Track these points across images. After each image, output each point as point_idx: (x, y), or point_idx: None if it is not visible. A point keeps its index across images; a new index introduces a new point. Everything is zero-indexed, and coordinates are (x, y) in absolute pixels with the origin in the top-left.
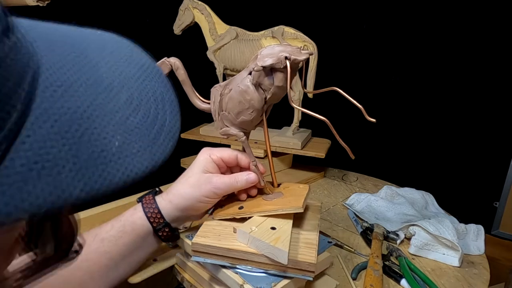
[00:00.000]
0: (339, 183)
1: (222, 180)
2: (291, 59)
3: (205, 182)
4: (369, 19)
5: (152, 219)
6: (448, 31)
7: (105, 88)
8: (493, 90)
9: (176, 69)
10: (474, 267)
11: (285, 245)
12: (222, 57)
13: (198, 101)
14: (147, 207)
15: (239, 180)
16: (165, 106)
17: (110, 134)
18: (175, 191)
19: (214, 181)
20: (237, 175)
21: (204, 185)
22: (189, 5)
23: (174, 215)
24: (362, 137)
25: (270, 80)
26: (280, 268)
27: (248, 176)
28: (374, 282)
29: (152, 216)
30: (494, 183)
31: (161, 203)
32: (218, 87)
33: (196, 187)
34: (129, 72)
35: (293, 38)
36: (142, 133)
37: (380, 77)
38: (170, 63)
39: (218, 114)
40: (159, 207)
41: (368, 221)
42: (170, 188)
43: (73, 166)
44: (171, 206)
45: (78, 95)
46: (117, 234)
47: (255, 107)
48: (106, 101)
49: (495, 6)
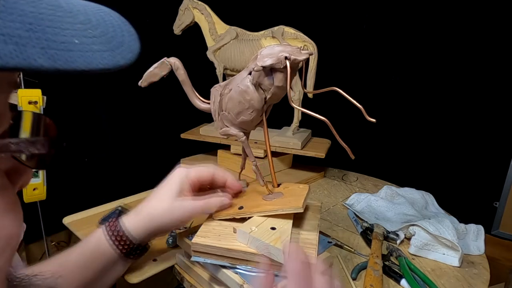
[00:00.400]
0: (339, 183)
1: (194, 205)
2: (291, 59)
3: (178, 208)
4: (369, 19)
5: (120, 246)
6: (448, 31)
7: (64, 10)
8: (493, 90)
9: (176, 69)
10: (474, 267)
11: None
12: (222, 57)
13: (198, 101)
14: (113, 235)
15: (212, 203)
16: (123, 33)
17: (69, 35)
18: (146, 213)
19: (187, 205)
20: (211, 199)
21: (177, 211)
22: (189, 5)
23: (143, 237)
24: (362, 137)
25: (270, 80)
26: (280, 268)
27: (222, 199)
28: (374, 282)
29: (120, 243)
30: (494, 183)
31: (129, 227)
32: (218, 87)
33: (169, 212)
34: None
35: (293, 38)
36: (100, 42)
37: (380, 77)
38: (170, 63)
39: (218, 114)
40: (127, 230)
41: (368, 221)
42: (141, 208)
43: (36, 44)
44: (140, 229)
45: (39, 8)
46: (85, 264)
47: (255, 107)
48: (65, 16)
49: (495, 6)
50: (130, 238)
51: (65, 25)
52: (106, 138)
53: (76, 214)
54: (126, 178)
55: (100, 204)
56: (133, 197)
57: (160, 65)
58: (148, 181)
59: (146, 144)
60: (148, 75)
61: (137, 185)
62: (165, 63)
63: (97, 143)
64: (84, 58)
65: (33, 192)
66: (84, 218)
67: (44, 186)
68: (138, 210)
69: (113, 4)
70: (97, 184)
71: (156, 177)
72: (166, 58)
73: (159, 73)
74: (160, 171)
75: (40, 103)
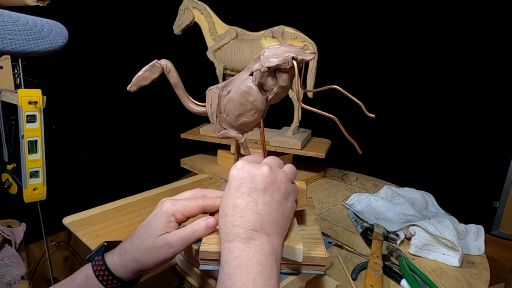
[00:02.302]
0: (339, 183)
1: (178, 237)
2: (298, 59)
3: (161, 247)
4: (369, 19)
5: (109, 285)
6: (448, 31)
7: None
8: (493, 90)
9: (167, 72)
10: (474, 267)
11: (298, 243)
12: (222, 57)
13: (191, 104)
14: (100, 274)
15: (197, 229)
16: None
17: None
18: (129, 255)
19: (169, 241)
20: (195, 223)
21: (160, 252)
22: (189, 5)
23: (129, 275)
24: (362, 137)
25: (274, 80)
26: (293, 266)
27: (207, 221)
28: (374, 282)
29: (108, 282)
30: (494, 183)
31: (113, 267)
32: (214, 89)
33: (153, 252)
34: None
35: (293, 38)
36: (17, 33)
37: (380, 77)
38: (162, 65)
39: (216, 116)
40: (112, 270)
41: (368, 221)
42: (125, 248)
43: None
44: (124, 270)
45: None
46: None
47: (258, 108)
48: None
49: (495, 6)
50: (118, 276)
51: None
52: (106, 138)
53: (76, 214)
54: (126, 178)
55: (100, 204)
56: (133, 197)
57: (150, 68)
58: (148, 181)
59: (146, 144)
60: (138, 79)
61: (137, 185)
62: (156, 66)
63: (97, 143)
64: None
65: (33, 192)
66: (84, 218)
67: (44, 186)
68: (122, 251)
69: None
70: (97, 184)
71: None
72: (156, 61)
73: (150, 76)
74: (160, 171)
75: (40, 103)
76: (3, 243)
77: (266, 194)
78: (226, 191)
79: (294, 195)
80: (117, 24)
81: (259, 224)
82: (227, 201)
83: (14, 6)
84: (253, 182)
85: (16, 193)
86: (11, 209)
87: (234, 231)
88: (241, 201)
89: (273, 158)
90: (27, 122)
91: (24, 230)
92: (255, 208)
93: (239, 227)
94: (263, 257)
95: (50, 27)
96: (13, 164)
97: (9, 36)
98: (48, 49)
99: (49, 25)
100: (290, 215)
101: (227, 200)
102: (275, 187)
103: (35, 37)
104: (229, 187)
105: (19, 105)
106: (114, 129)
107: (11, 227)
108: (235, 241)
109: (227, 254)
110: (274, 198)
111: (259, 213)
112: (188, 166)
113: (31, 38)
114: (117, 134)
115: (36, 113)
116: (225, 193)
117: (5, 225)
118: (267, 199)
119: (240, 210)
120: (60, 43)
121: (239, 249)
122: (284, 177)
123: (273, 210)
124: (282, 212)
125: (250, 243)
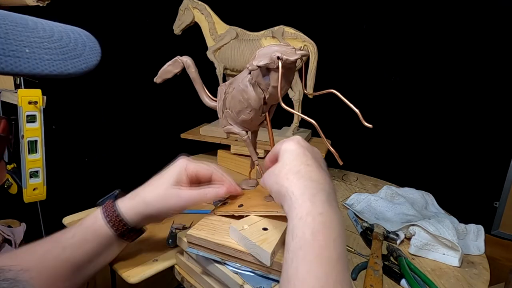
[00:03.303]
0: (339, 183)
1: (189, 194)
2: (283, 59)
3: (173, 195)
4: (369, 19)
5: (115, 227)
6: (448, 31)
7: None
8: (493, 90)
9: (187, 67)
10: (474, 267)
11: (269, 246)
12: (222, 57)
13: (207, 98)
14: (109, 215)
15: (208, 192)
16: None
17: (22, 45)
18: (141, 198)
19: (182, 195)
20: (207, 189)
21: (171, 199)
22: (189, 5)
23: (138, 221)
24: (363, 137)
25: (267, 80)
26: (265, 269)
27: (218, 189)
28: (374, 282)
29: (115, 224)
30: (494, 183)
31: (123, 209)
32: (223, 86)
33: (163, 199)
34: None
35: (293, 38)
36: (53, 53)
37: (380, 77)
38: (183, 61)
39: (222, 112)
40: (122, 212)
41: (368, 221)
42: (137, 192)
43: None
44: (134, 213)
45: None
46: (78, 243)
47: (252, 106)
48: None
49: (495, 6)
50: (125, 220)
51: (20, 38)
52: (106, 138)
53: (76, 214)
54: (126, 178)
55: None
56: None
57: (173, 63)
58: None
59: (146, 144)
60: (162, 72)
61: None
62: (177, 61)
63: (97, 143)
64: (30, 64)
65: (33, 192)
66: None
67: (44, 186)
68: (134, 195)
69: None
70: (97, 184)
71: None
72: (179, 57)
73: (172, 70)
74: (160, 171)
75: (40, 103)
76: (3, 243)
77: (324, 165)
78: (289, 157)
79: None
80: (117, 24)
81: (330, 186)
82: (296, 161)
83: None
84: (314, 152)
85: (16, 193)
86: (11, 209)
87: (315, 184)
88: (312, 163)
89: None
90: (27, 122)
91: (24, 230)
92: (324, 171)
93: (318, 182)
94: (339, 224)
95: (83, 41)
96: (13, 164)
97: (46, 57)
98: (84, 70)
99: (82, 39)
100: None
101: (296, 161)
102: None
103: (71, 56)
104: (293, 153)
105: (19, 105)
106: (114, 129)
107: (11, 227)
108: (319, 195)
109: (309, 206)
110: (326, 172)
111: (327, 176)
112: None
113: (67, 58)
114: (117, 134)
115: (36, 113)
116: (289, 158)
117: (5, 225)
118: (326, 170)
119: (314, 169)
120: (94, 61)
121: (322, 205)
122: None
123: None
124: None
125: (330, 201)
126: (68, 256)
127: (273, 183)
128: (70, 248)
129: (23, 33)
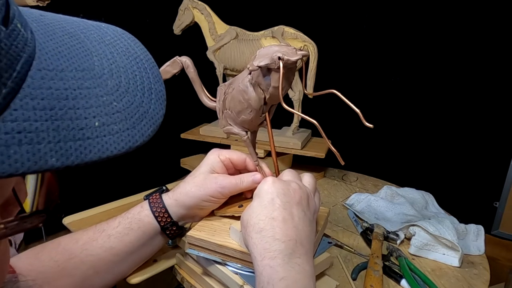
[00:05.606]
0: (339, 183)
1: (228, 180)
2: (284, 60)
3: (211, 182)
4: (369, 19)
5: (159, 218)
6: (448, 31)
7: (94, 75)
8: (493, 90)
9: (186, 68)
10: (474, 267)
11: None
12: (222, 57)
13: (206, 99)
14: (154, 206)
15: (244, 180)
16: (151, 95)
17: (91, 115)
18: (181, 189)
19: (220, 180)
20: (243, 175)
21: (209, 185)
22: (189, 5)
23: (180, 213)
24: (363, 137)
25: (267, 80)
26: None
27: (254, 176)
28: (374, 282)
29: (159, 215)
30: (494, 183)
31: (167, 201)
32: (223, 86)
33: (202, 187)
34: (121, 62)
35: (293, 38)
36: (123, 117)
37: (380, 77)
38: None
39: (222, 112)
40: (166, 205)
41: (368, 221)
42: (177, 186)
43: (52, 139)
44: (176, 205)
45: (67, 79)
46: (124, 231)
47: (252, 106)
48: (93, 86)
49: (495, 6)
50: (169, 212)
51: (89, 102)
52: None
53: (76, 214)
54: (126, 178)
55: (100, 204)
56: (133, 197)
57: (172, 63)
58: (148, 181)
59: (146, 144)
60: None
61: (137, 185)
62: (176, 62)
63: None
64: (100, 145)
65: None
66: (84, 218)
67: None
68: (175, 188)
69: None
70: (97, 184)
71: (156, 177)
72: (177, 57)
73: (171, 71)
74: (160, 171)
75: None
76: None
77: (299, 208)
78: (257, 206)
79: (316, 214)
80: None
81: (299, 239)
82: (261, 215)
83: None
84: (287, 196)
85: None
86: None
87: (276, 246)
88: (278, 214)
89: (290, 172)
90: None
91: None
92: (292, 221)
93: (280, 241)
94: (306, 280)
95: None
96: None
97: (115, 127)
98: (150, 135)
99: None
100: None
101: (261, 214)
102: (305, 203)
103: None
104: (261, 202)
105: None
106: None
107: None
108: (278, 258)
109: (270, 273)
110: (306, 214)
111: (296, 226)
112: (188, 166)
113: (136, 122)
114: None
115: None
116: (256, 208)
117: None
118: (301, 214)
119: (278, 223)
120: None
121: (283, 269)
122: (312, 194)
123: (306, 226)
124: (312, 229)
125: (293, 262)
126: (112, 245)
127: (243, 231)
128: (115, 236)
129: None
